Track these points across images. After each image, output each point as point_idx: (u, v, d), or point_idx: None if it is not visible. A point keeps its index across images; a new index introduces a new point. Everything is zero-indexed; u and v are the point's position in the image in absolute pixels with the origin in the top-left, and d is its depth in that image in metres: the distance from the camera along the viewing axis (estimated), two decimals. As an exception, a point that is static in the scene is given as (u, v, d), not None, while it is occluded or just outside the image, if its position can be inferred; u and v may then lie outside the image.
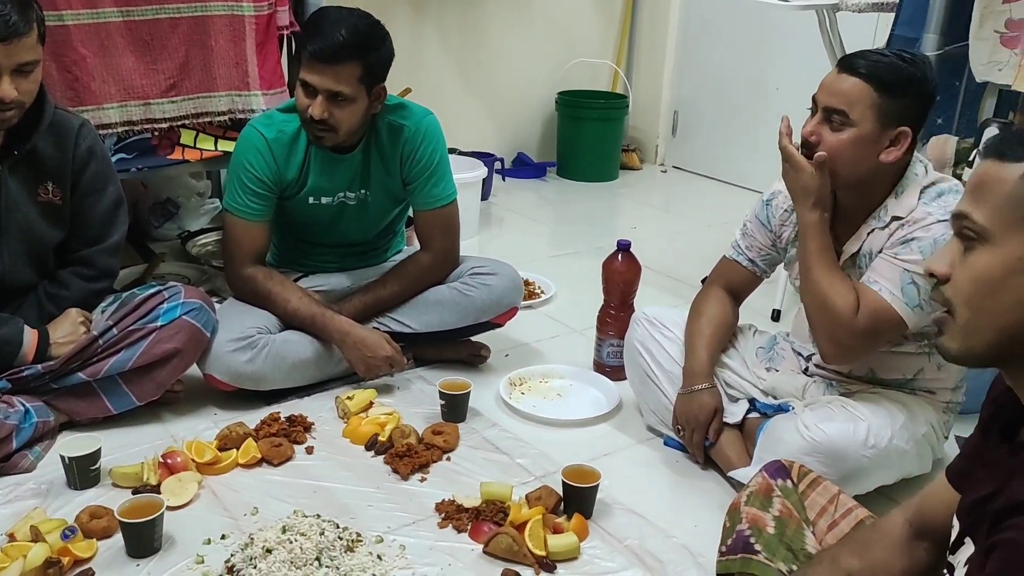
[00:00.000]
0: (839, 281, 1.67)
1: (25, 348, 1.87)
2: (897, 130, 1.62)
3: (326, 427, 2.05)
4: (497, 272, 2.28)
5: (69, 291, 1.99)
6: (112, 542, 1.60)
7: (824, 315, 1.67)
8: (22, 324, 1.88)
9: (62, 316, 1.95)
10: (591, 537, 1.68)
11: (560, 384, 2.32)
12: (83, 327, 1.96)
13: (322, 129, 2.02)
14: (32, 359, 1.88)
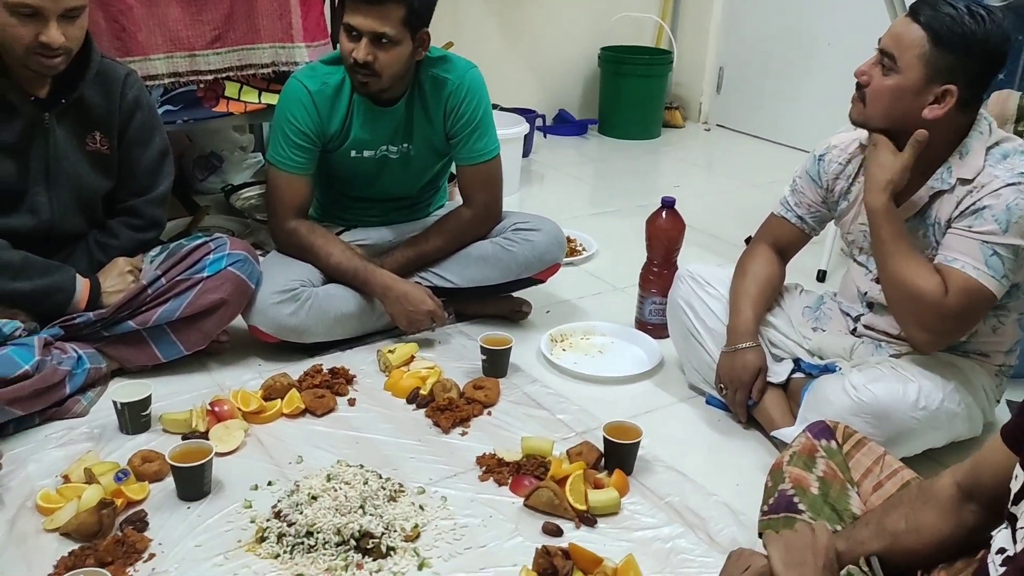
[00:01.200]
0: (922, 266, 1.61)
1: (77, 296, 1.91)
2: (943, 87, 1.57)
3: (368, 380, 2.07)
4: (540, 228, 2.27)
5: (119, 240, 2.02)
6: (163, 485, 1.64)
7: (912, 303, 1.61)
8: (74, 272, 1.92)
9: (110, 265, 1.99)
10: (632, 493, 1.69)
11: (601, 341, 2.32)
12: (131, 276, 1.99)
13: (366, 74, 2.00)
14: (84, 307, 1.92)
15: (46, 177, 1.87)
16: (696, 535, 1.58)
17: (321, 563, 1.45)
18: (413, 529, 1.53)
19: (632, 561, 1.46)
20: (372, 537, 1.48)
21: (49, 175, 1.88)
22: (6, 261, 1.80)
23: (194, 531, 1.53)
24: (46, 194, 1.88)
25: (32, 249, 1.87)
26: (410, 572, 1.46)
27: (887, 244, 1.63)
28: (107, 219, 2.05)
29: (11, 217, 1.86)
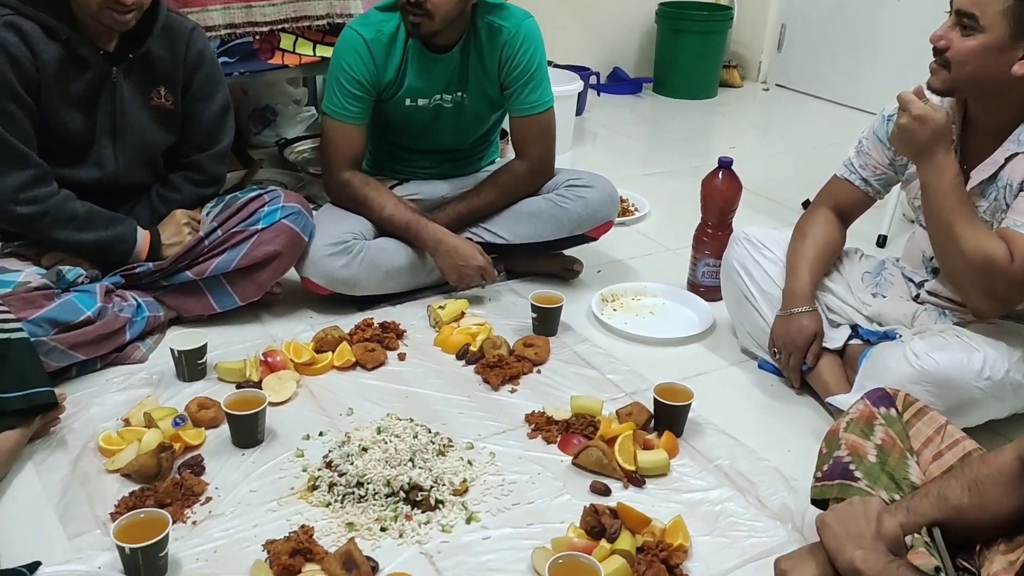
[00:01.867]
0: (985, 232, 1.55)
1: (139, 247, 1.94)
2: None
3: (418, 335, 2.07)
4: (593, 185, 2.24)
5: (180, 195, 2.04)
6: (219, 432, 1.67)
7: (977, 271, 1.55)
8: (136, 224, 1.95)
9: (169, 217, 2.01)
10: (681, 455, 1.68)
11: (653, 302, 2.29)
12: (188, 228, 2.01)
13: (418, 14, 1.97)
14: (145, 258, 1.95)
15: (112, 130, 1.89)
16: (746, 499, 1.57)
17: (371, 513, 1.47)
18: (462, 483, 1.54)
19: (681, 522, 1.45)
20: (421, 490, 1.49)
21: (115, 128, 1.90)
22: (72, 212, 1.84)
23: (248, 477, 1.56)
24: (112, 147, 1.91)
25: (97, 201, 1.90)
26: (458, 525, 1.47)
27: (952, 212, 1.55)
28: (169, 173, 2.07)
29: (78, 169, 1.89)
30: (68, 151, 1.86)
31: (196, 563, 1.36)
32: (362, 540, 1.41)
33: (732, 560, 1.43)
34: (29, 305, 1.72)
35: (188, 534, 1.42)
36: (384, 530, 1.44)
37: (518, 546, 1.43)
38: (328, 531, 1.44)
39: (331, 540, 1.41)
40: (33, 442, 1.61)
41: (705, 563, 1.42)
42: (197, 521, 1.45)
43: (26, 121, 1.76)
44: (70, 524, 1.43)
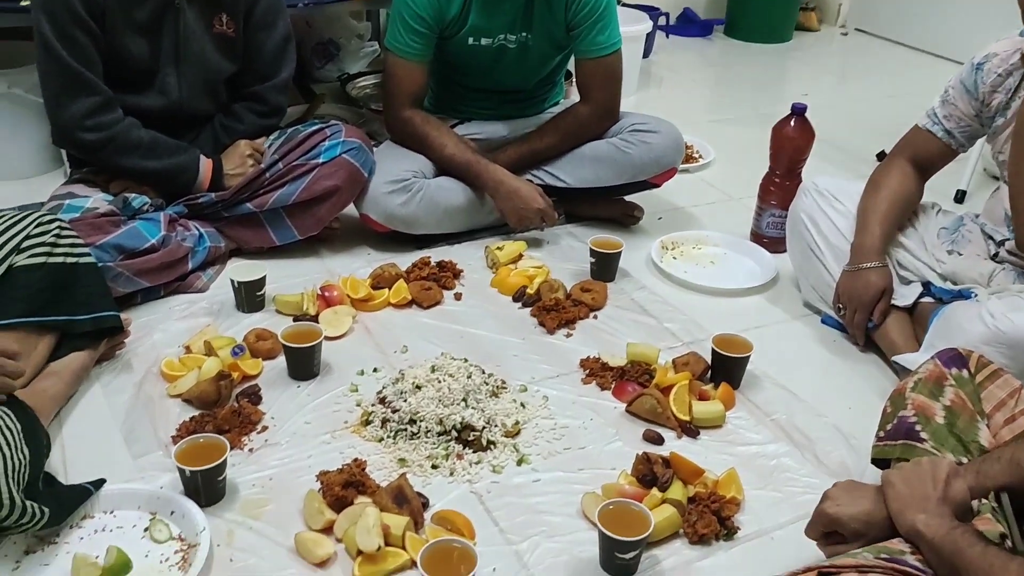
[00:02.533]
0: None
1: (201, 176, 1.95)
2: None
3: (475, 275, 2.06)
4: (658, 130, 2.18)
5: (243, 125, 2.05)
6: (276, 363, 1.69)
7: None
8: (199, 154, 1.96)
9: (232, 148, 2.02)
10: (737, 408, 1.65)
11: (714, 251, 2.24)
12: (251, 160, 2.02)
13: None
14: (207, 187, 1.96)
15: (175, 58, 1.90)
16: (803, 455, 1.54)
17: (423, 450, 1.48)
18: (514, 425, 1.54)
19: (734, 475, 1.43)
20: (473, 430, 1.49)
21: (179, 56, 1.90)
22: (137, 140, 1.85)
23: (303, 409, 1.58)
24: (175, 74, 1.91)
25: (161, 129, 1.92)
26: (509, 467, 1.47)
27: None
28: (232, 103, 2.07)
29: (142, 96, 1.90)
30: (132, 78, 1.87)
31: (252, 489, 1.39)
32: (413, 476, 1.43)
33: (785, 515, 1.41)
34: (97, 231, 1.75)
35: (245, 461, 1.45)
36: (435, 468, 1.45)
37: (568, 490, 1.42)
38: (380, 466, 1.45)
39: (383, 475, 1.43)
40: (100, 364, 1.66)
41: (757, 517, 1.40)
42: (254, 449, 1.48)
43: (91, 47, 1.77)
44: (134, 444, 1.48)
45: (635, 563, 1.27)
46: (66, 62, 1.75)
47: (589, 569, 1.28)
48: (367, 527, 1.24)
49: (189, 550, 1.26)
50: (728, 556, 1.32)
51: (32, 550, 1.25)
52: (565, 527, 1.35)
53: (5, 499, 1.12)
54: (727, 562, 1.31)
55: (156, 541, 1.28)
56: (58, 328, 1.54)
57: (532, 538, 1.33)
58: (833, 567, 0.96)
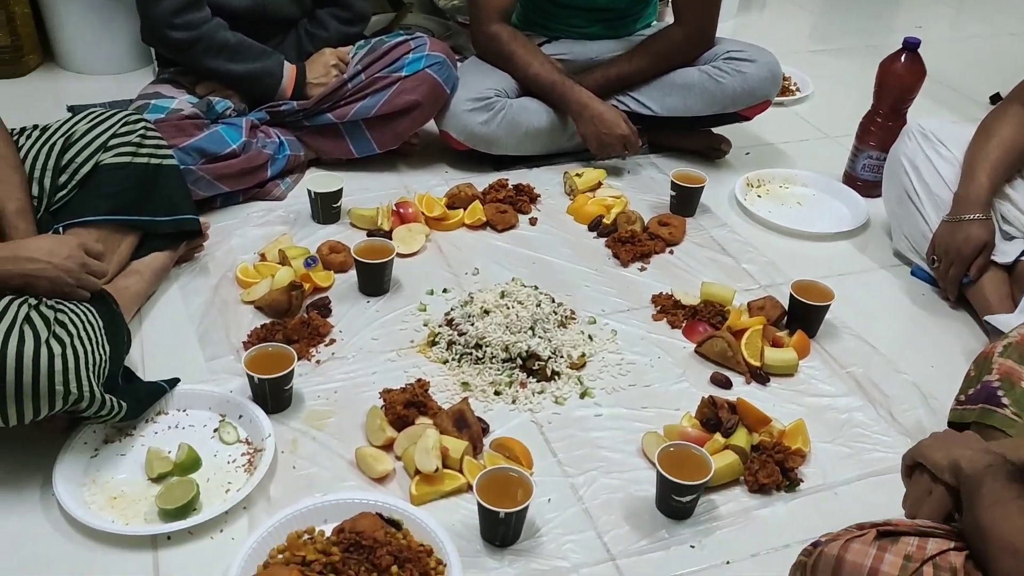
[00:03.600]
0: None
1: (284, 82, 1.94)
2: None
3: (552, 201, 2.03)
4: (755, 59, 2.06)
5: (327, 32, 2.02)
6: (347, 277, 1.70)
7: None
8: (283, 59, 1.95)
9: (317, 56, 2.00)
10: (811, 357, 1.59)
11: (802, 192, 2.14)
12: (335, 69, 2.00)
13: None
14: (290, 95, 1.96)
15: None
16: (876, 411, 1.48)
17: (486, 376, 1.48)
18: (580, 358, 1.53)
19: (802, 426, 1.39)
20: (539, 359, 1.48)
21: None
22: (223, 41, 1.85)
23: (371, 325, 1.60)
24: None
25: (246, 32, 1.90)
26: (571, 398, 1.46)
27: None
28: (316, 9, 2.04)
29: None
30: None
31: (318, 400, 1.42)
32: (475, 401, 1.43)
33: (851, 471, 1.37)
34: (180, 133, 1.77)
35: (311, 372, 1.48)
36: (498, 394, 1.45)
37: (629, 428, 1.41)
38: (443, 387, 1.46)
39: (445, 397, 1.44)
40: (179, 266, 1.70)
41: (822, 470, 1.36)
42: (321, 361, 1.50)
43: None
44: (207, 347, 1.51)
45: (691, 507, 1.26)
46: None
47: (644, 508, 1.27)
48: (426, 448, 1.26)
49: (255, 454, 1.30)
50: (787, 508, 1.30)
51: (110, 440, 1.31)
52: (623, 464, 1.34)
53: (85, 391, 1.17)
54: (786, 514, 1.29)
55: (224, 442, 1.32)
56: (141, 228, 1.57)
57: (589, 472, 1.32)
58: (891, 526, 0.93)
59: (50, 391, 1.13)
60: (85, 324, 1.23)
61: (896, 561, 0.87)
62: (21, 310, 1.17)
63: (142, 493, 1.23)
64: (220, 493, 1.24)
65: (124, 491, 1.23)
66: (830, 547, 0.92)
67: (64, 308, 1.23)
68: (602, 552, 1.20)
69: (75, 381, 1.15)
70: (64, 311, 1.22)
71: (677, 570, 1.19)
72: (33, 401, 1.13)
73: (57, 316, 1.20)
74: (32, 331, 1.15)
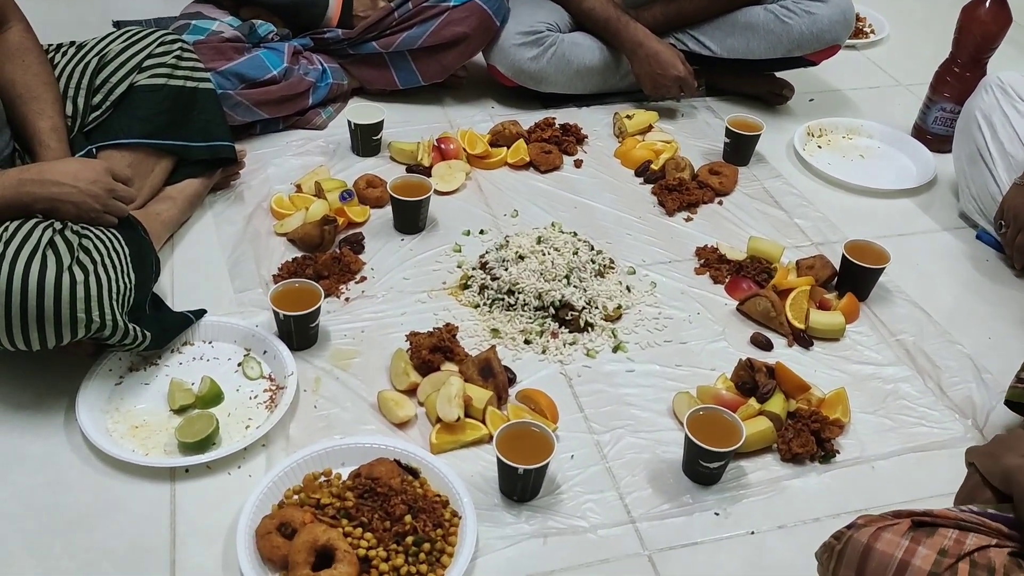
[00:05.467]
0: None
1: (330, 12, 1.88)
2: None
3: (599, 143, 1.95)
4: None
5: None
6: (382, 213, 1.66)
7: None
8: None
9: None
10: (860, 321, 1.52)
11: (866, 144, 2.03)
12: (382, 1, 1.92)
13: None
14: (336, 23, 1.89)
15: None
16: (925, 383, 1.41)
17: (517, 323, 1.43)
18: (615, 310, 1.47)
19: (843, 395, 1.33)
20: (572, 309, 1.44)
21: None
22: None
23: (404, 264, 1.56)
24: None
25: None
26: (603, 352, 1.42)
27: None
28: None
29: None
30: None
31: (344, 339, 1.40)
32: (504, 348, 1.39)
33: (892, 445, 1.30)
34: (219, 56, 1.73)
35: (339, 309, 1.45)
36: (528, 343, 1.41)
37: (661, 385, 1.36)
38: (472, 332, 1.42)
39: (473, 343, 1.40)
40: (215, 193, 1.68)
41: (860, 443, 1.30)
42: (350, 299, 1.47)
43: None
44: (237, 278, 1.50)
45: (719, 473, 1.21)
46: None
47: (670, 471, 1.23)
48: (449, 396, 1.23)
49: (277, 391, 1.28)
50: (820, 480, 1.24)
51: (135, 368, 1.31)
52: (651, 424, 1.30)
53: (108, 319, 1.16)
54: (818, 485, 1.24)
55: (248, 377, 1.31)
56: (175, 153, 1.55)
57: (616, 430, 1.28)
58: (929, 516, 0.87)
59: (72, 318, 1.13)
60: (110, 251, 1.22)
61: (929, 555, 0.82)
62: (45, 234, 1.16)
63: (163, 424, 1.23)
64: (240, 429, 1.23)
65: (146, 420, 1.23)
66: (860, 533, 0.87)
67: (89, 234, 1.21)
68: (622, 513, 1.17)
69: (97, 309, 1.14)
70: (89, 237, 1.21)
71: (699, 537, 1.15)
72: (55, 327, 1.13)
73: (82, 242, 1.18)
74: (55, 256, 1.13)
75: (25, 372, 1.29)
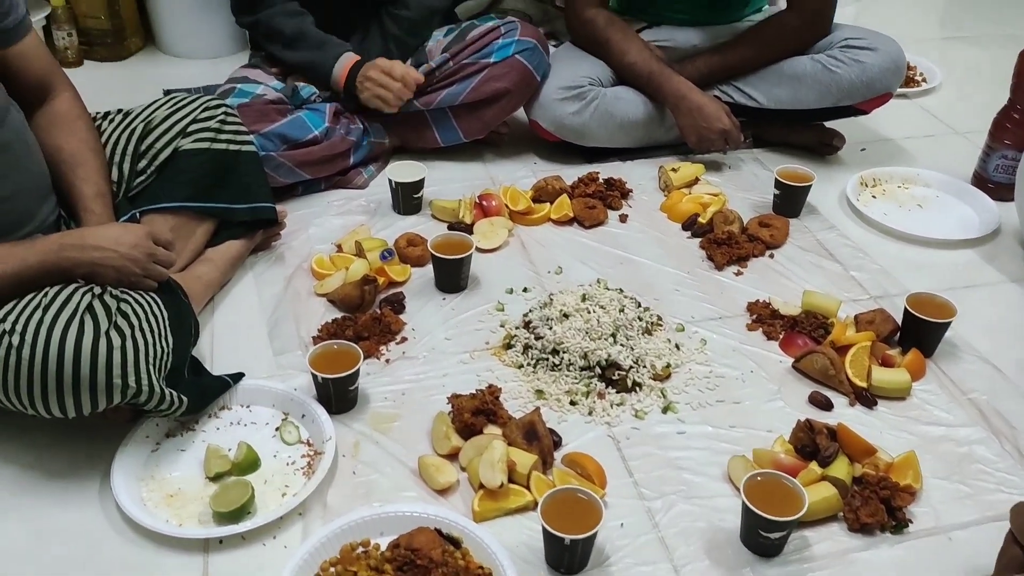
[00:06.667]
0: None
1: (335, 78, 1.83)
2: None
3: (644, 196, 1.91)
4: (876, 47, 1.88)
5: (409, 11, 1.92)
6: (423, 271, 1.64)
7: None
8: (341, 52, 1.83)
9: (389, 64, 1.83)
10: (927, 379, 1.43)
11: (923, 193, 1.95)
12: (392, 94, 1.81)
13: None
14: (342, 87, 1.84)
15: None
16: (1001, 445, 1.31)
17: (562, 383, 1.38)
18: (664, 368, 1.41)
19: (913, 458, 1.24)
20: (619, 369, 1.38)
21: None
22: (279, 28, 1.82)
23: (446, 323, 1.52)
24: None
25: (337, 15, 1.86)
26: (653, 413, 1.35)
27: None
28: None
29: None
30: None
31: (384, 401, 1.36)
32: (549, 410, 1.34)
33: (970, 514, 1.21)
34: (263, 118, 1.74)
35: (380, 371, 1.41)
36: (573, 404, 1.36)
37: (715, 448, 1.29)
38: (516, 394, 1.37)
39: (517, 404, 1.35)
40: (256, 254, 1.67)
41: (935, 511, 1.21)
42: (390, 360, 1.44)
43: None
44: (276, 340, 1.47)
45: (780, 544, 1.13)
46: None
47: (728, 541, 1.15)
48: (492, 461, 1.17)
49: (315, 456, 1.24)
50: (892, 552, 1.15)
51: (172, 434, 1.28)
52: (706, 490, 1.23)
53: (144, 385, 1.13)
54: (891, 558, 1.15)
55: (285, 442, 1.27)
56: (217, 215, 1.55)
57: (668, 496, 1.21)
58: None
59: (108, 384, 1.11)
60: (148, 315, 1.20)
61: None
62: (84, 299, 1.15)
63: (199, 492, 1.19)
64: (276, 496, 1.19)
65: (181, 489, 1.20)
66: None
67: (128, 298, 1.20)
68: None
69: (133, 374, 1.12)
70: (128, 301, 1.19)
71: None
72: (91, 393, 1.11)
73: (120, 306, 1.17)
74: (93, 321, 1.12)
75: (61, 439, 1.27)
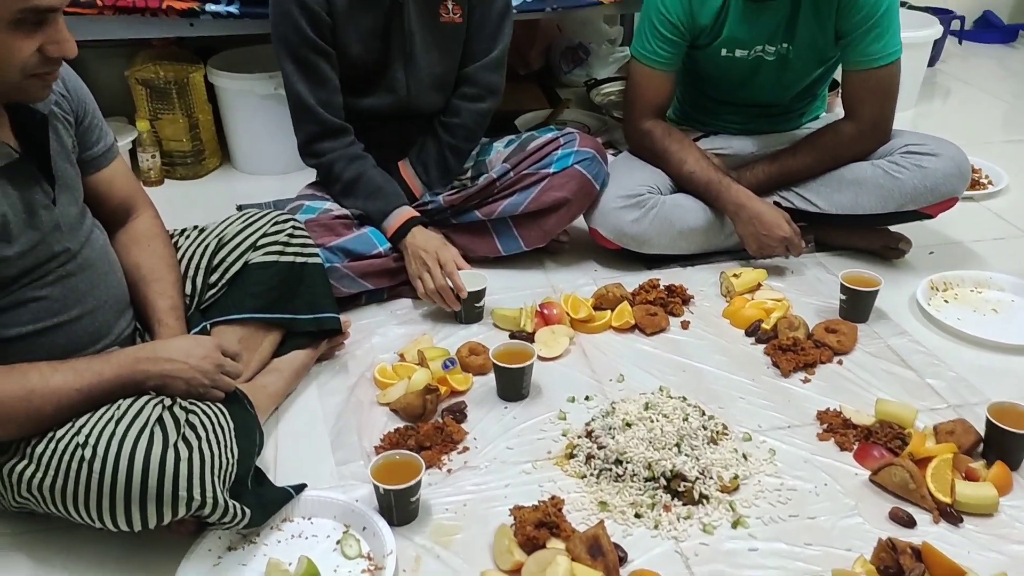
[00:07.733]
0: None
1: (387, 225, 1.85)
2: None
3: (706, 303, 1.89)
4: (938, 152, 1.87)
5: (460, 118, 1.95)
6: (485, 380, 1.63)
7: None
8: (394, 206, 1.85)
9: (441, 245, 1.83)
10: (1014, 494, 1.35)
11: (998, 297, 1.90)
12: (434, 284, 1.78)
13: None
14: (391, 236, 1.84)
15: (404, 55, 1.87)
16: (1101, 568, 1.23)
17: (626, 495, 1.34)
18: (732, 480, 1.37)
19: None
20: (685, 480, 1.34)
21: (406, 52, 1.87)
22: (338, 174, 1.86)
23: (507, 432, 1.51)
24: (403, 71, 1.89)
25: (395, 128, 1.93)
26: (722, 527, 1.30)
27: None
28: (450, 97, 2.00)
29: (372, 97, 1.91)
30: (361, 81, 1.88)
31: (445, 513, 1.34)
32: (613, 523, 1.30)
33: (1071, 644, 1.12)
34: (328, 232, 1.80)
35: (441, 481, 1.40)
36: (638, 516, 1.32)
37: (789, 567, 1.23)
38: (580, 506, 1.34)
39: (581, 516, 1.32)
40: (320, 363, 1.69)
41: (1031, 640, 1.13)
42: (452, 470, 1.42)
43: (323, 65, 1.80)
44: (339, 450, 1.48)
45: (865, 675, 1.06)
46: (295, 91, 1.81)
47: (806, 671, 1.09)
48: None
49: (375, 571, 1.22)
50: None
51: (234, 547, 1.28)
52: (782, 613, 1.17)
53: (208, 497, 1.14)
54: None
55: (346, 556, 1.26)
56: (283, 326, 1.58)
57: (741, 619, 1.16)
58: None
59: (174, 496, 1.12)
60: (215, 426, 1.22)
61: None
62: (155, 411, 1.18)
63: (259, 607, 1.18)
64: (336, 612, 1.17)
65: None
66: None
67: (196, 409, 1.22)
68: None
69: (199, 487, 1.13)
70: (196, 412, 1.22)
71: None
72: (157, 505, 1.12)
73: (188, 418, 1.19)
74: (162, 433, 1.14)
75: (126, 552, 1.27)
